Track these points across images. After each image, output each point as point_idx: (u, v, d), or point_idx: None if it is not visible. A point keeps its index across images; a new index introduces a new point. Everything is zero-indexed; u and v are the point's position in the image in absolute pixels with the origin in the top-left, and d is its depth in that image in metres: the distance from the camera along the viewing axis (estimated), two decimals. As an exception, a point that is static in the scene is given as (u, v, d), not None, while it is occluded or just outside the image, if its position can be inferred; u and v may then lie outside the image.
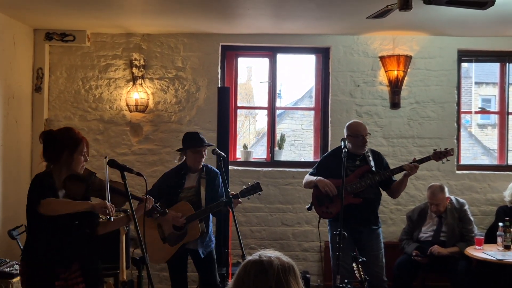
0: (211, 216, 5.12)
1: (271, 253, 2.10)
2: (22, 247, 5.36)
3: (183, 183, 5.02)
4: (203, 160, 5.05)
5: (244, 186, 4.92)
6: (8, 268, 5.07)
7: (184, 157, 5.05)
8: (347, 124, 5.31)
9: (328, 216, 5.25)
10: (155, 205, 4.01)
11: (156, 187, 5.15)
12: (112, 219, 3.63)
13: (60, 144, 3.64)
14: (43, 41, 6.64)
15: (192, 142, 4.97)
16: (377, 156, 5.33)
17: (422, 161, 5.16)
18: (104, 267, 5.56)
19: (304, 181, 5.43)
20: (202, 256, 4.99)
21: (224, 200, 4.68)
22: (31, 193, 3.58)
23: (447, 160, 5.18)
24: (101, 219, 3.95)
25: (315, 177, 5.25)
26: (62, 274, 3.65)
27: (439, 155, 5.16)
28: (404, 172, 5.11)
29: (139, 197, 3.89)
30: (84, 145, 3.71)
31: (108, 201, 3.60)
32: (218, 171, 5.16)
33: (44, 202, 3.45)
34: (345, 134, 5.23)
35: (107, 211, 3.52)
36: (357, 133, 5.15)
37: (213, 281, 5.05)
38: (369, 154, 5.25)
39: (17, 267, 5.11)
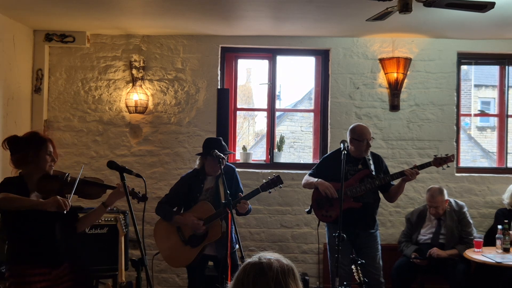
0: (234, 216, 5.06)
1: (270, 255, 2.10)
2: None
3: (202, 187, 4.97)
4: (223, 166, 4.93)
5: (264, 180, 4.88)
6: (7, 269, 5.05)
7: (203, 162, 4.95)
8: (351, 127, 5.25)
9: (327, 219, 5.23)
10: (134, 192, 3.96)
11: (174, 192, 5.09)
12: (65, 212, 3.61)
13: (24, 145, 3.67)
14: (42, 42, 6.64)
15: (215, 148, 4.79)
16: (377, 159, 5.31)
17: (422, 167, 5.13)
18: (102, 269, 5.61)
19: (303, 181, 5.41)
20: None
21: (223, 202, 4.65)
22: None
23: (447, 167, 5.17)
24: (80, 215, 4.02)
25: (315, 179, 5.22)
26: (48, 274, 3.66)
27: (439, 161, 5.14)
28: (402, 177, 5.10)
29: (111, 186, 3.96)
30: (49, 144, 3.73)
31: (71, 194, 3.66)
32: (234, 166, 5.13)
33: None
34: (349, 137, 5.19)
35: (59, 206, 3.51)
36: (362, 137, 5.11)
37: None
38: (370, 157, 5.23)
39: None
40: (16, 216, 3.57)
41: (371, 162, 5.20)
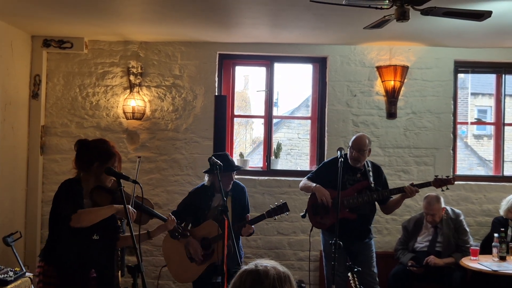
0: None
1: (267, 263, 2.10)
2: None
3: (210, 204, 4.99)
4: (232, 182, 5.00)
5: (271, 206, 4.91)
6: (3, 275, 5.03)
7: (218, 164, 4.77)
8: (354, 136, 5.32)
9: (321, 226, 5.24)
10: (177, 226, 4.11)
11: (181, 208, 5.12)
12: (131, 223, 3.65)
13: (93, 154, 3.68)
14: (40, 47, 6.64)
15: (223, 166, 4.68)
16: (377, 170, 5.31)
17: (421, 186, 5.15)
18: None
19: (301, 183, 5.40)
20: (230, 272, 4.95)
21: (220, 208, 4.64)
22: (60, 200, 3.60)
23: (447, 189, 5.17)
24: (121, 234, 4.02)
25: (313, 184, 5.22)
26: (81, 281, 3.67)
27: (439, 183, 5.14)
28: (401, 193, 5.10)
29: (163, 217, 3.98)
30: (116, 159, 3.74)
31: (132, 205, 3.70)
32: (244, 186, 5.17)
33: (75, 216, 3.48)
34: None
35: (131, 215, 3.58)
36: (353, 146, 5.16)
37: None
38: (370, 168, 5.24)
39: (11, 273, 5.08)
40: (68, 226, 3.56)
41: (371, 173, 5.20)
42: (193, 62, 6.81)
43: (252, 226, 4.98)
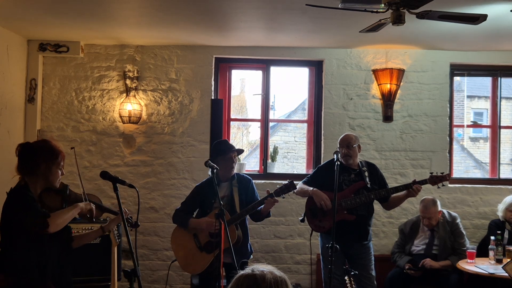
0: (248, 226, 5.22)
1: (263, 267, 2.10)
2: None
3: (217, 193, 5.02)
4: (235, 166, 5.13)
5: (278, 186, 4.94)
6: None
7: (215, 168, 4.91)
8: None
9: (320, 229, 5.23)
10: (128, 218, 3.99)
11: (189, 200, 5.23)
12: (94, 220, 3.66)
13: (38, 156, 3.58)
14: (36, 51, 6.63)
15: (222, 149, 5.07)
16: (372, 169, 5.31)
17: (419, 183, 5.15)
18: (95, 279, 5.59)
19: (297, 188, 5.38)
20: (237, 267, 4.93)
21: (216, 213, 4.63)
22: (21, 210, 3.45)
23: (443, 185, 5.17)
24: (74, 234, 3.95)
25: (310, 187, 5.22)
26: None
27: (435, 180, 5.12)
28: (407, 190, 5.09)
29: (115, 211, 3.97)
30: (61, 158, 3.66)
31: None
32: (250, 178, 5.28)
33: (50, 221, 3.40)
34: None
35: (91, 213, 3.63)
36: (340, 145, 5.24)
37: None
38: (365, 168, 5.24)
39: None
40: (25, 234, 3.47)
41: (366, 173, 5.20)
42: (189, 66, 6.81)
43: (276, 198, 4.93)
